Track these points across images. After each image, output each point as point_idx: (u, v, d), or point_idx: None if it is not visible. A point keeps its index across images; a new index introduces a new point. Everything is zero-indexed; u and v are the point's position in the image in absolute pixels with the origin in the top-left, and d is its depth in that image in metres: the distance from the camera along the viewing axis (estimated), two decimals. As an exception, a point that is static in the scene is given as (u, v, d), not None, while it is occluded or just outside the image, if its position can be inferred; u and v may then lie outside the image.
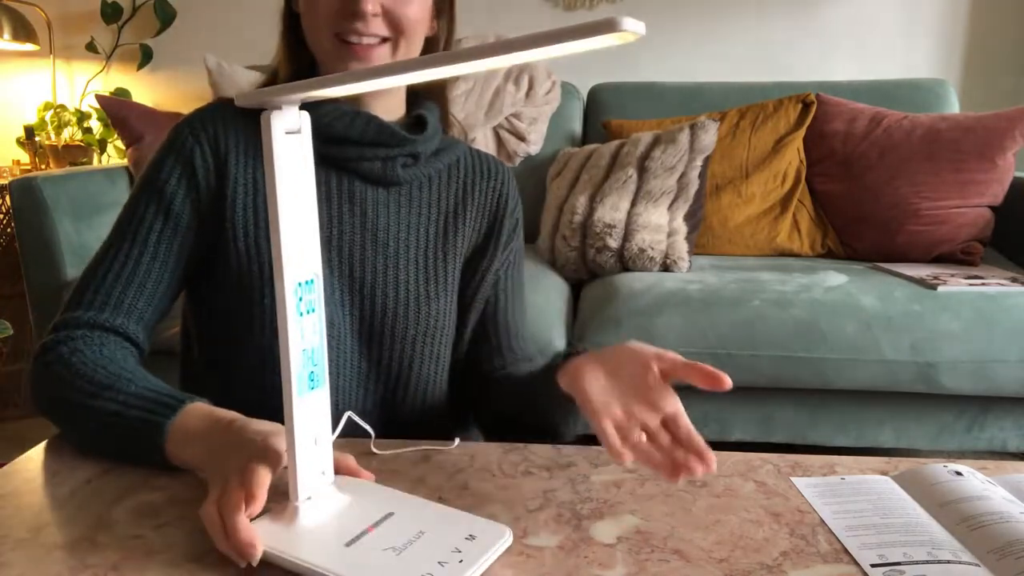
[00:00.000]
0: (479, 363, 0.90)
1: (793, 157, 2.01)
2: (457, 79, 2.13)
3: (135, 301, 0.74)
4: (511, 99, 2.20)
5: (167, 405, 0.62)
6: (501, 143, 2.22)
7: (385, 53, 0.77)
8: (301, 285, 0.52)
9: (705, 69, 2.48)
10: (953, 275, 1.65)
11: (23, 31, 2.49)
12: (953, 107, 2.16)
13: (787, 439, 1.60)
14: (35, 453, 0.66)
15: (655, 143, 1.86)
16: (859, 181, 1.93)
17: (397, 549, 0.49)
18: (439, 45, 0.85)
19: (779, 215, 1.98)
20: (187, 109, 0.92)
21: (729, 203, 1.98)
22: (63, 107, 2.57)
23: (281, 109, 0.49)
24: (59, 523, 0.54)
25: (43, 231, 1.72)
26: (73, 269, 1.75)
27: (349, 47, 0.76)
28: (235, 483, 0.51)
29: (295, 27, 0.81)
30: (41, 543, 0.52)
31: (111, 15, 2.59)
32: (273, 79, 0.85)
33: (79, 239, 1.78)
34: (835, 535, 0.55)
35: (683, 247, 1.72)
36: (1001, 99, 2.38)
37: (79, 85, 2.68)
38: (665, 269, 1.71)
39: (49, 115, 2.55)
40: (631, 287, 1.59)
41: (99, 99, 2.25)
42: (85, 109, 2.61)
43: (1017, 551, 0.50)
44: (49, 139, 2.54)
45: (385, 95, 0.82)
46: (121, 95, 2.58)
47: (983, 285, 1.55)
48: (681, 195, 1.78)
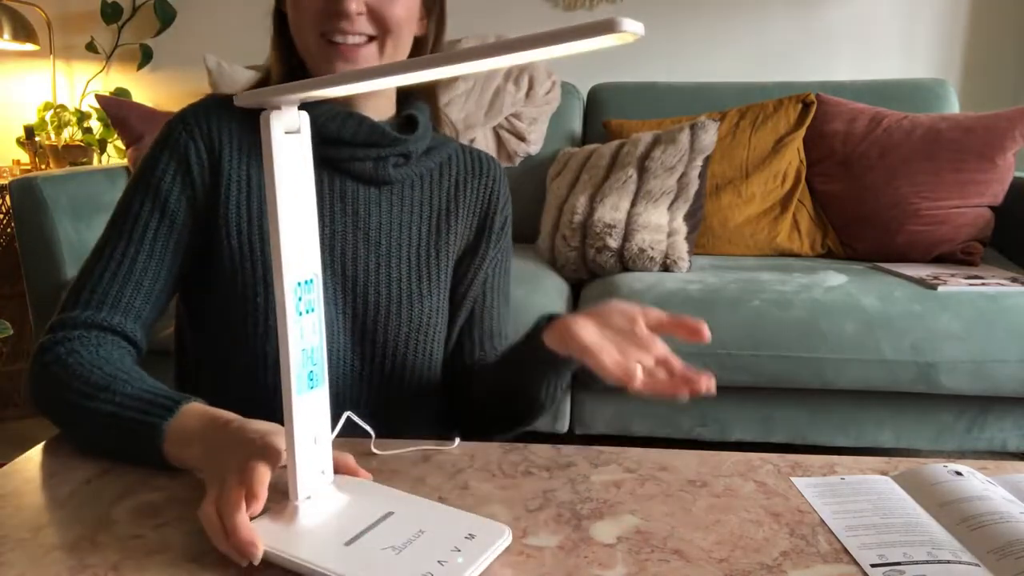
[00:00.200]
0: (460, 357, 0.89)
1: (793, 157, 2.01)
2: (457, 79, 2.13)
3: (132, 300, 0.73)
4: (511, 99, 2.20)
5: (164, 406, 0.62)
6: (501, 143, 2.22)
7: (371, 53, 0.77)
8: (301, 285, 0.52)
9: (705, 69, 2.48)
10: (953, 275, 1.65)
11: (23, 31, 2.49)
12: (953, 107, 2.16)
13: (787, 439, 1.60)
14: (35, 453, 0.66)
15: (655, 143, 1.86)
16: (859, 181, 1.93)
17: (397, 548, 0.49)
18: (428, 44, 0.85)
19: (779, 215, 1.98)
20: (187, 109, 0.91)
21: (729, 203, 1.97)
22: (63, 107, 2.57)
23: (280, 109, 0.49)
24: (59, 523, 0.54)
25: (43, 231, 1.72)
26: (73, 269, 1.75)
27: (335, 47, 0.75)
28: (234, 482, 0.50)
29: (285, 28, 0.80)
30: (41, 543, 0.52)
31: (111, 15, 2.59)
32: (267, 79, 0.85)
33: (79, 239, 1.78)
34: (835, 535, 0.55)
35: (683, 247, 1.72)
36: (1001, 99, 2.38)
37: (79, 85, 2.68)
38: (665, 269, 1.71)
39: (49, 115, 2.55)
40: (631, 287, 1.59)
41: (99, 99, 2.25)
42: (85, 109, 2.61)
43: (1017, 551, 0.50)
44: (49, 139, 2.54)
45: (376, 95, 0.82)
46: (121, 95, 2.58)
47: (983, 285, 1.55)
48: (681, 195, 1.78)
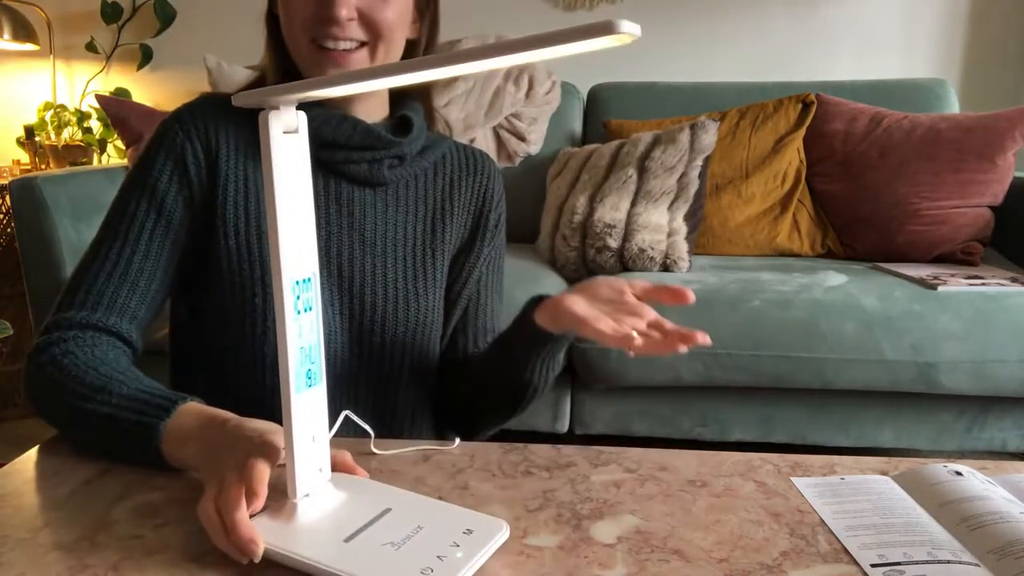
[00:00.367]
0: (454, 354, 0.89)
1: (793, 157, 2.01)
2: (457, 79, 2.13)
3: (127, 300, 0.73)
4: (511, 99, 2.20)
5: (161, 406, 0.61)
6: (501, 143, 2.22)
7: (362, 58, 0.76)
8: (299, 283, 0.52)
9: (705, 69, 2.48)
10: (953, 275, 1.65)
11: (23, 31, 2.49)
12: (953, 107, 2.16)
13: (787, 439, 1.60)
14: (34, 453, 0.66)
15: (655, 143, 1.86)
16: (859, 181, 1.93)
17: (396, 544, 0.50)
18: (421, 47, 0.84)
19: (779, 215, 1.98)
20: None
21: (729, 203, 1.97)
22: (63, 107, 2.57)
23: (279, 109, 0.49)
24: (58, 523, 0.54)
25: (43, 231, 1.72)
26: (73, 269, 1.75)
27: (326, 53, 0.75)
28: (233, 480, 0.50)
29: (278, 30, 0.80)
30: (40, 543, 0.52)
31: (111, 15, 2.59)
32: (262, 80, 0.84)
33: (79, 239, 1.78)
34: (835, 535, 0.54)
35: (683, 247, 1.72)
36: (1001, 99, 2.38)
37: (79, 85, 2.68)
38: (665, 269, 1.71)
39: (49, 115, 2.55)
40: (631, 287, 1.58)
41: (99, 99, 2.25)
42: (85, 109, 2.61)
43: (1017, 551, 0.50)
44: (49, 139, 2.54)
45: (369, 97, 0.82)
46: (121, 95, 2.58)
47: (983, 285, 1.55)
48: (681, 195, 1.78)
